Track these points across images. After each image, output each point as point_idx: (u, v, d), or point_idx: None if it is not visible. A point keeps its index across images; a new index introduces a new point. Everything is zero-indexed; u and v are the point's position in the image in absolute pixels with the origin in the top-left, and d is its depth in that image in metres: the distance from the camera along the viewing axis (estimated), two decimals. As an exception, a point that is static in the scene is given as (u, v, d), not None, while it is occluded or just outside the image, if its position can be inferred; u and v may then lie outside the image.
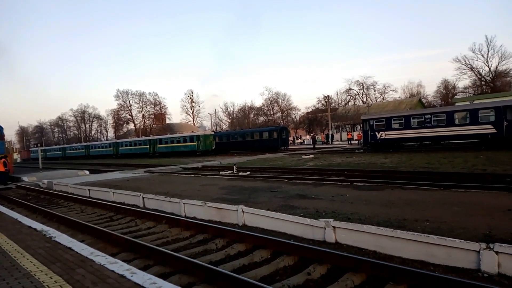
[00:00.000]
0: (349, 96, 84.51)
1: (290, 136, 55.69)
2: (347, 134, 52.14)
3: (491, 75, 66.51)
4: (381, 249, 5.49)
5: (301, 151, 34.91)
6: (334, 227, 6.10)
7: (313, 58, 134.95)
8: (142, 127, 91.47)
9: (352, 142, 47.37)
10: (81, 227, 8.36)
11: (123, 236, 7.08)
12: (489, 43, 66.52)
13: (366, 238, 5.72)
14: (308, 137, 64.62)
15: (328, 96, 67.86)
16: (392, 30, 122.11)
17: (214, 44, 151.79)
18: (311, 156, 26.98)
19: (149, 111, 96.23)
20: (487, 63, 66.11)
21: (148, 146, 52.75)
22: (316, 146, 39.80)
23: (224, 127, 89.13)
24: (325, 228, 6.19)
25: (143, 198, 11.28)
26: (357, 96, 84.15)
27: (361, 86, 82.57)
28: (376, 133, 28.82)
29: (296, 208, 8.44)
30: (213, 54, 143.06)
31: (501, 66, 65.87)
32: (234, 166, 19.63)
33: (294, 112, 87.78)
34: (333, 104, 77.23)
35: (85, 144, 70.60)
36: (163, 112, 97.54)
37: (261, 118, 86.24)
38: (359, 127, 51.50)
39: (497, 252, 4.50)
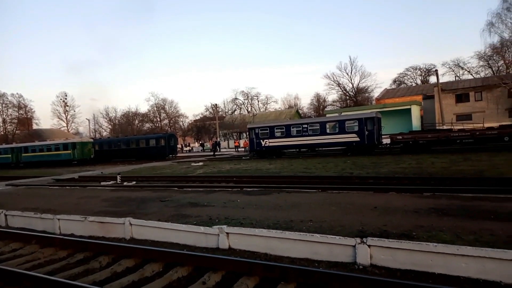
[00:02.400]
0: (235, 105, 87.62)
1: (178, 144, 54.59)
2: (234, 142, 53.71)
3: (354, 91, 77.09)
4: (272, 250, 5.75)
5: (190, 159, 34.53)
6: (227, 233, 6.16)
7: (202, 66, 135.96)
8: (3, 133, 78.00)
9: (239, 149, 49.01)
10: None
11: (-23, 263, 5.86)
12: (352, 63, 77.23)
13: (258, 241, 5.92)
14: (196, 144, 64.43)
15: (216, 104, 68.99)
16: (277, 44, 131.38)
17: (93, 41, 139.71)
18: (201, 163, 26.91)
19: (11, 115, 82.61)
20: (351, 80, 76.60)
21: (10, 155, 45.11)
22: (206, 154, 39.92)
23: (105, 134, 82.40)
24: (218, 235, 6.20)
25: (5, 215, 9.56)
26: (242, 106, 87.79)
27: (246, 96, 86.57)
28: (261, 141, 30.41)
29: (188, 216, 8.27)
30: (92, 52, 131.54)
31: (362, 84, 77.18)
32: (118, 176, 18.24)
33: (182, 119, 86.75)
34: (220, 113, 78.75)
35: None
36: (29, 116, 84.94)
37: (147, 125, 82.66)
38: (245, 135, 53.58)
39: (369, 246, 5.16)
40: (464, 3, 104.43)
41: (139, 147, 41.17)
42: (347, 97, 78.18)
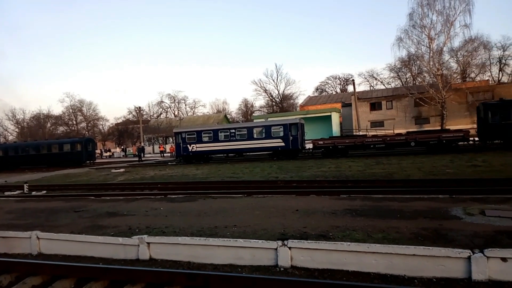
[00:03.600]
0: (161, 109, 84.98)
1: (97, 149, 51.07)
2: (159, 147, 51.91)
3: (280, 97, 79.97)
4: (195, 258, 5.62)
5: (111, 165, 32.51)
6: (148, 243, 5.88)
7: (125, 67, 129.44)
8: None
9: (164, 154, 47.47)
10: None
11: None
12: (278, 70, 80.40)
13: (181, 250, 5.75)
14: (118, 149, 60.92)
15: (139, 107, 66.12)
16: (205, 48, 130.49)
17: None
18: (122, 170, 25.47)
19: None
20: (277, 87, 79.42)
21: None
22: (128, 160, 37.93)
23: (11, 138, 73.76)
24: (138, 245, 5.89)
25: None
26: (169, 109, 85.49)
27: (173, 100, 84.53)
28: (188, 146, 29.86)
29: (106, 227, 7.72)
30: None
31: (287, 90, 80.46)
32: (25, 185, 16.42)
33: (101, 122, 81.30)
34: (145, 116, 75.74)
35: None
36: None
37: (61, 128, 75.90)
38: (171, 140, 52.15)
39: (290, 248, 5.32)
40: (379, 19, 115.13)
41: (51, 152, 37.53)
42: (274, 103, 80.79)
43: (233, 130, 29.36)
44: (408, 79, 51.64)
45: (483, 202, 7.94)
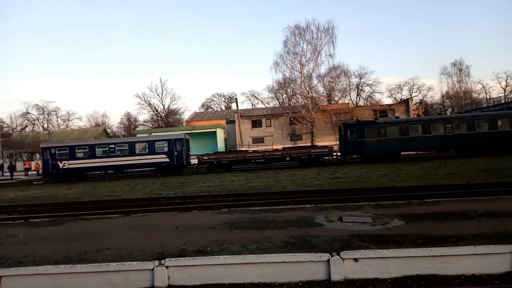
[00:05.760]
0: (26, 121, 74.31)
1: None
2: (24, 164, 45.04)
3: (165, 112, 78.17)
4: (60, 289, 5.09)
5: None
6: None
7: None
8: None
9: (29, 172, 41.32)
10: None
11: None
12: (162, 84, 78.73)
13: (41, 281, 5.14)
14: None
15: (-2, 118, 56.47)
16: (79, 54, 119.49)
17: None
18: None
19: None
20: (162, 101, 77.51)
21: None
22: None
23: None
24: (-15, 281, 5.04)
25: None
26: (36, 122, 75.34)
27: (42, 111, 74.87)
28: (59, 162, 26.80)
29: None
30: None
31: (173, 105, 79.22)
32: None
33: None
34: (6, 129, 65.17)
35: None
36: None
37: None
38: (38, 156, 45.80)
39: (167, 267, 5.25)
40: (263, 42, 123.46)
41: None
42: (159, 118, 78.48)
43: (113, 145, 27.50)
44: (284, 100, 56.35)
45: (341, 210, 9.15)
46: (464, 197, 10.22)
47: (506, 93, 65.22)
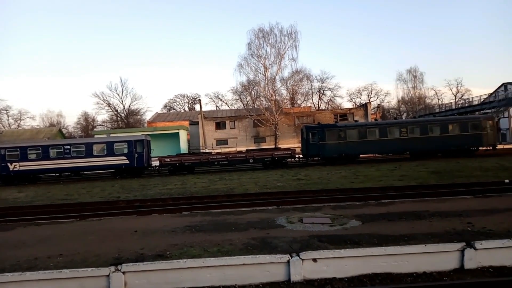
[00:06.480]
0: (-29, 120, 69.21)
1: None
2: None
3: (125, 112, 75.80)
4: (5, 300, 4.79)
5: None
6: None
7: None
8: None
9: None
10: None
11: None
12: (123, 84, 76.35)
13: (-15, 292, 4.80)
14: None
15: None
16: (39, 51, 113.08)
17: None
18: None
19: None
20: (122, 101, 75.11)
21: None
22: None
23: None
24: None
25: None
26: (-17, 121, 70.39)
27: (-11, 110, 70.07)
28: (9, 164, 25.20)
29: None
30: None
31: (134, 106, 77.00)
32: None
33: None
34: None
35: None
36: None
37: None
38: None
39: (124, 272, 5.09)
40: (226, 44, 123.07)
41: None
42: (119, 118, 75.98)
43: (68, 147, 26.23)
44: (248, 102, 56.57)
45: (302, 211, 9.32)
46: (416, 197, 10.77)
47: (456, 99, 69.77)
